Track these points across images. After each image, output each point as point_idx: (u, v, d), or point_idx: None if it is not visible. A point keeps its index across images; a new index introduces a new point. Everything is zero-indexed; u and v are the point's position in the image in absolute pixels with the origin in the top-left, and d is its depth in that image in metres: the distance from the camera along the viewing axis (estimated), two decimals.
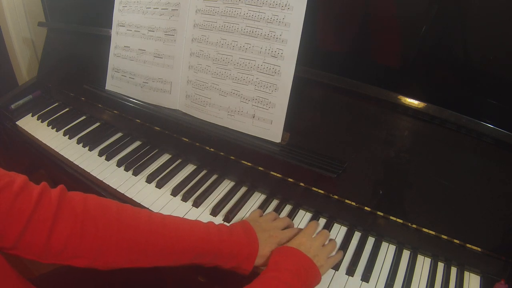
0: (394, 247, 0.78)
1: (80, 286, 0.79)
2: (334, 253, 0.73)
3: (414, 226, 0.75)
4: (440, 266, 0.74)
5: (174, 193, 0.88)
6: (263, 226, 0.72)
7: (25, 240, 0.49)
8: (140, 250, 0.55)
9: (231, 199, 0.87)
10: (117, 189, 0.89)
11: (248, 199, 0.88)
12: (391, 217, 0.76)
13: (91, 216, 0.52)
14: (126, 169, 0.95)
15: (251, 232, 0.68)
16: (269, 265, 0.63)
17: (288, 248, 0.67)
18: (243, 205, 0.86)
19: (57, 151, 1.04)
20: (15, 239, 0.48)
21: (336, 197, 0.80)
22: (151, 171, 0.94)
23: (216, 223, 0.70)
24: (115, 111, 1.10)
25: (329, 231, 0.80)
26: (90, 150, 1.03)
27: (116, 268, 0.56)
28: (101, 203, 0.55)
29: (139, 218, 0.57)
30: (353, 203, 0.79)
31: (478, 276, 0.73)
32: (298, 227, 0.80)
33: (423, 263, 0.75)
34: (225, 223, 0.80)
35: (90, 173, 0.95)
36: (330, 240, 0.75)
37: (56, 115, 1.20)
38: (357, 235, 0.80)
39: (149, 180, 0.91)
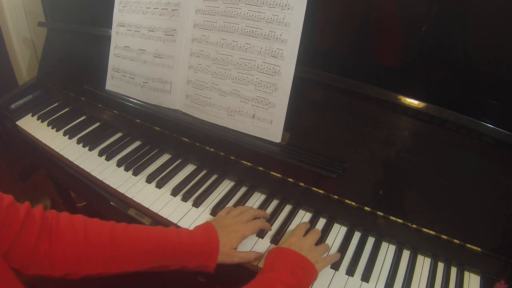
0: (394, 247, 0.78)
1: None
2: (326, 254, 0.73)
3: (414, 226, 0.75)
4: (440, 266, 0.74)
5: (174, 193, 0.88)
6: (224, 223, 0.74)
7: (13, 253, 0.54)
8: (106, 256, 0.60)
9: (231, 199, 0.87)
10: (117, 189, 0.89)
11: (248, 199, 0.88)
12: (391, 217, 0.76)
13: (61, 231, 0.58)
14: (126, 169, 0.95)
15: (211, 231, 0.70)
16: (265, 266, 0.65)
17: (281, 249, 0.68)
18: (243, 205, 0.85)
19: (57, 151, 1.04)
20: (2, 253, 0.53)
21: (336, 197, 0.80)
22: (151, 171, 0.94)
23: None
24: (115, 111, 1.10)
25: (329, 231, 0.80)
26: (90, 150, 1.03)
27: (89, 276, 0.60)
28: (70, 219, 0.61)
29: (103, 226, 0.63)
30: (353, 203, 0.79)
31: (478, 276, 0.73)
32: (289, 224, 0.80)
33: (423, 263, 0.75)
34: None
35: (90, 173, 0.95)
36: (324, 243, 0.75)
37: (56, 115, 1.20)
38: (357, 235, 0.80)
39: (149, 180, 0.92)
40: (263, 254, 0.73)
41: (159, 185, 0.90)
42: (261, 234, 0.78)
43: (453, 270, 0.74)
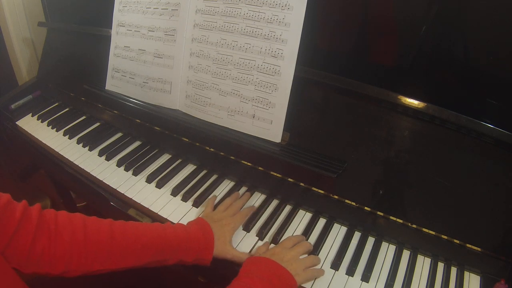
0: (394, 247, 0.78)
1: None
2: (318, 266, 0.72)
3: (414, 226, 0.75)
4: (440, 266, 0.74)
5: (174, 193, 0.88)
6: (214, 217, 0.77)
7: (10, 252, 0.54)
8: (105, 252, 0.61)
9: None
10: (117, 189, 0.89)
11: (248, 199, 0.87)
12: (391, 217, 0.76)
13: (60, 229, 0.59)
14: (126, 169, 0.95)
15: (205, 225, 0.72)
16: (240, 273, 0.64)
17: (260, 258, 0.68)
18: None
19: (57, 151, 1.04)
20: (0, 251, 0.53)
21: (336, 197, 0.80)
22: (151, 171, 0.94)
23: None
24: (115, 111, 1.10)
25: (329, 231, 0.80)
26: (90, 150, 1.03)
27: (88, 273, 0.61)
28: (68, 217, 0.62)
29: (101, 223, 0.64)
30: (353, 203, 0.79)
31: (478, 276, 0.73)
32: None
33: (423, 263, 0.75)
34: None
35: (90, 173, 0.95)
36: (312, 256, 0.73)
37: (56, 115, 1.20)
38: (357, 235, 0.80)
39: (149, 180, 0.92)
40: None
41: (159, 185, 0.90)
42: (261, 235, 0.78)
43: (453, 270, 0.74)
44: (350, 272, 0.72)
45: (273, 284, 0.62)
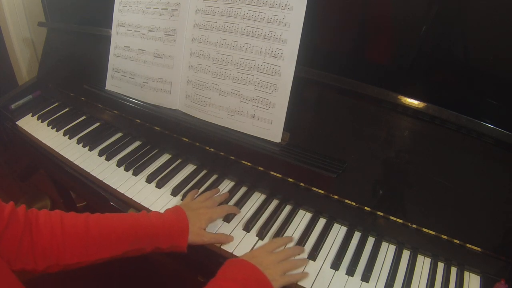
0: (394, 247, 0.78)
1: None
2: (300, 270, 0.71)
3: (414, 226, 0.75)
4: (440, 266, 0.74)
5: (174, 193, 0.88)
6: (192, 206, 0.78)
7: (0, 249, 0.57)
8: (82, 244, 0.64)
9: (231, 199, 0.87)
10: (117, 189, 0.89)
11: (248, 199, 0.87)
12: (391, 217, 0.76)
13: (41, 227, 0.62)
14: (126, 169, 0.95)
15: (180, 212, 0.74)
16: (217, 275, 0.65)
17: (239, 260, 0.68)
18: (243, 206, 0.86)
19: (57, 151, 1.04)
20: None
21: (336, 197, 0.80)
22: (151, 171, 0.94)
23: (217, 223, 0.70)
24: (115, 111, 1.10)
25: (329, 231, 0.80)
26: (90, 150, 1.03)
27: (69, 267, 0.63)
28: (48, 215, 0.65)
29: (78, 217, 0.67)
30: (353, 203, 0.79)
31: (478, 276, 0.73)
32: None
33: (423, 263, 0.75)
34: (226, 223, 0.80)
35: (90, 173, 0.95)
36: (300, 259, 0.73)
37: (56, 115, 1.20)
38: (357, 235, 0.80)
39: (149, 180, 0.92)
40: (233, 238, 0.76)
41: (159, 185, 0.90)
42: (261, 235, 0.78)
43: (453, 270, 0.74)
44: (350, 272, 0.72)
45: (248, 286, 0.62)
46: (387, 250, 0.77)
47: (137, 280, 0.85)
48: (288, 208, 0.86)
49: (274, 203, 0.87)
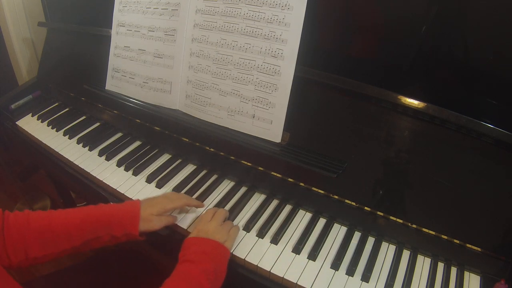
0: (394, 247, 0.78)
1: None
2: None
3: (414, 226, 0.75)
4: (440, 266, 0.74)
5: None
6: (152, 200, 0.78)
7: None
8: (45, 238, 0.68)
9: (231, 199, 0.87)
10: (117, 189, 0.89)
11: (249, 199, 0.87)
12: (391, 217, 0.76)
13: (11, 226, 0.67)
14: (126, 169, 0.95)
15: (134, 202, 0.77)
16: (179, 258, 0.69)
17: (189, 239, 0.72)
18: (243, 206, 0.85)
19: (57, 151, 1.04)
20: None
21: (336, 197, 0.80)
22: (151, 171, 0.94)
23: None
24: (115, 111, 1.10)
25: (329, 231, 0.80)
26: (90, 150, 1.03)
27: (38, 260, 0.68)
28: (18, 214, 0.69)
29: (42, 214, 0.71)
30: (353, 203, 0.79)
31: (478, 276, 0.73)
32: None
33: (423, 263, 0.75)
34: None
35: (90, 173, 0.95)
36: (228, 222, 0.79)
37: (56, 115, 1.20)
38: (357, 235, 0.80)
39: (149, 180, 0.92)
40: (176, 218, 0.80)
41: (159, 185, 0.90)
42: (261, 235, 0.78)
43: (453, 270, 0.74)
44: (350, 272, 0.72)
45: (207, 253, 0.67)
46: (387, 250, 0.77)
47: (136, 280, 0.85)
48: (288, 208, 0.86)
49: (274, 203, 0.87)
